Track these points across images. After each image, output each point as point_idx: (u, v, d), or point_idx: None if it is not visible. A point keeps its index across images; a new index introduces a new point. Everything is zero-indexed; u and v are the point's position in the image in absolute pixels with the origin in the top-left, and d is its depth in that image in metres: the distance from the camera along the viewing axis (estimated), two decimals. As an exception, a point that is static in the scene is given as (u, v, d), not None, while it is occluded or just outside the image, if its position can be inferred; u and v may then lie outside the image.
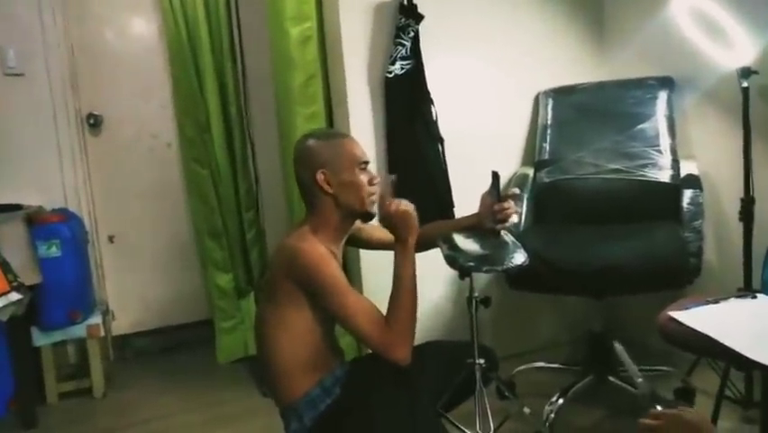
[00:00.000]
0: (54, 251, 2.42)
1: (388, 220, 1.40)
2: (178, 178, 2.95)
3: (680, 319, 1.40)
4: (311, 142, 1.46)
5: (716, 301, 1.50)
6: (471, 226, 1.59)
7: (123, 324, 2.96)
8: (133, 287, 2.98)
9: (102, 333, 2.55)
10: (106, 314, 2.77)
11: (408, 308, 1.33)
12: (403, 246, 1.39)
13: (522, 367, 2.29)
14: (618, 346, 1.49)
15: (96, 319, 2.53)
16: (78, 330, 2.49)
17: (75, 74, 2.79)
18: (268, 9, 2.39)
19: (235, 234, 2.81)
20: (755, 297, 1.55)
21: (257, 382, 2.51)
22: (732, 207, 2.04)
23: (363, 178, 1.44)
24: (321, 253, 1.36)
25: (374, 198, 1.46)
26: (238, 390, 2.49)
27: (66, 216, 2.57)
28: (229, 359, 2.77)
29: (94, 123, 2.86)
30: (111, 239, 2.94)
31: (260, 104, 2.83)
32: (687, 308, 1.46)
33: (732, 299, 1.53)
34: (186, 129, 2.74)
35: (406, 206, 1.40)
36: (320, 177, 1.41)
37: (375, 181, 1.46)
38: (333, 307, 1.34)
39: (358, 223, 1.57)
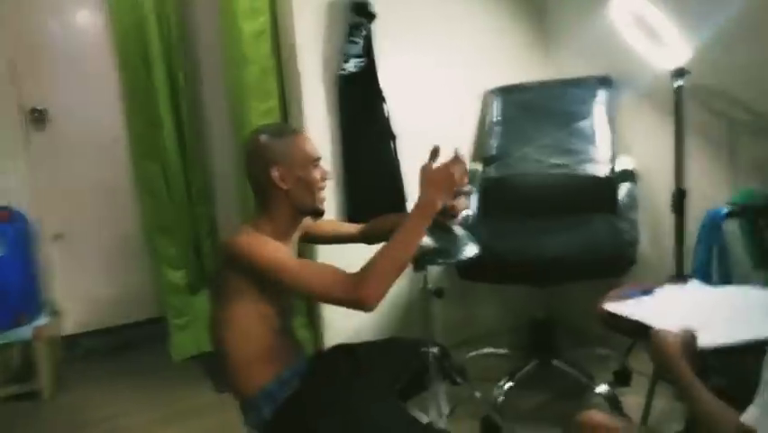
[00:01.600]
0: (-4, 251, 2.35)
1: (422, 174, 1.38)
2: (127, 173, 2.88)
3: (617, 312, 1.49)
4: (264, 138, 1.46)
5: (651, 290, 1.61)
6: None
7: (71, 324, 2.88)
8: (82, 286, 2.91)
9: (49, 334, 2.49)
10: (54, 314, 2.69)
11: (388, 260, 1.30)
12: (422, 204, 1.34)
13: (472, 354, 2.38)
14: None
15: (43, 320, 2.47)
16: (24, 332, 2.42)
17: (15, 66, 2.69)
18: (219, 3, 2.38)
19: (187, 230, 2.78)
20: (686, 281, 1.68)
21: (212, 379, 2.51)
22: (665, 199, 2.17)
23: (316, 174, 1.46)
24: (256, 238, 1.37)
25: (323, 194, 1.48)
26: (192, 387, 2.48)
27: (9, 214, 2.49)
28: (183, 356, 2.74)
29: (38, 117, 2.76)
30: (57, 237, 2.85)
31: (214, 97, 2.81)
32: (624, 297, 1.57)
33: (666, 285, 1.65)
34: (135, 124, 2.69)
35: (451, 172, 1.37)
36: (275, 173, 1.41)
37: (327, 177, 1.49)
38: (286, 284, 1.33)
39: (308, 220, 1.60)
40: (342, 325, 2.42)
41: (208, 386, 2.47)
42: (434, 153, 1.44)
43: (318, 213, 1.50)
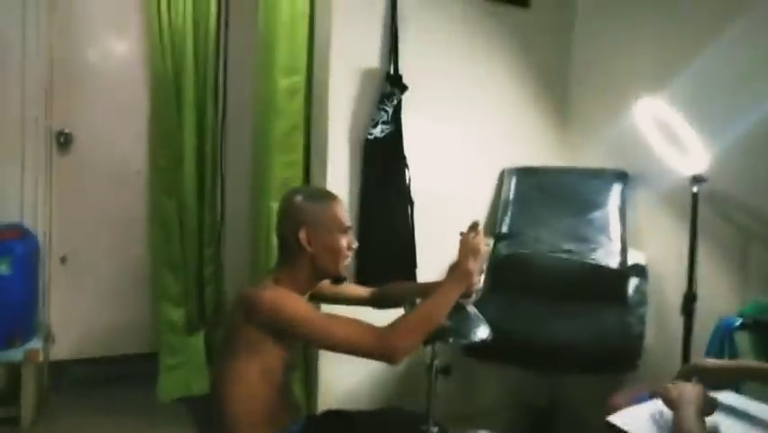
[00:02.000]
0: (3, 268, 2.34)
1: (463, 246, 1.45)
2: (143, 206, 2.90)
3: (621, 427, 1.45)
4: (299, 198, 1.50)
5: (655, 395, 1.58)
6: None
7: (62, 349, 2.82)
8: (79, 311, 2.87)
9: (40, 358, 2.44)
10: (47, 338, 2.65)
11: (420, 317, 1.38)
12: (463, 273, 1.43)
13: (468, 433, 2.33)
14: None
15: (36, 344, 2.43)
16: (15, 354, 2.37)
17: (50, 90, 2.75)
18: (259, 57, 2.46)
19: (193, 269, 2.79)
20: None
21: (198, 426, 2.45)
22: (674, 298, 2.18)
23: (344, 242, 1.49)
24: (280, 292, 1.40)
25: (348, 262, 1.52)
26: (176, 431, 2.42)
27: (20, 232, 2.49)
28: (170, 397, 2.68)
29: (64, 141, 2.80)
30: (63, 260, 2.83)
31: (237, 143, 2.87)
32: (633, 401, 1.54)
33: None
34: (158, 159, 2.74)
35: (483, 246, 1.46)
36: (302, 235, 1.45)
37: (353, 246, 1.52)
38: (310, 337, 1.38)
39: (325, 282, 1.61)
40: (338, 386, 2.39)
41: (193, 431, 2.40)
42: (474, 227, 1.48)
43: (340, 279, 1.54)
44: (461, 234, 1.50)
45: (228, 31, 2.89)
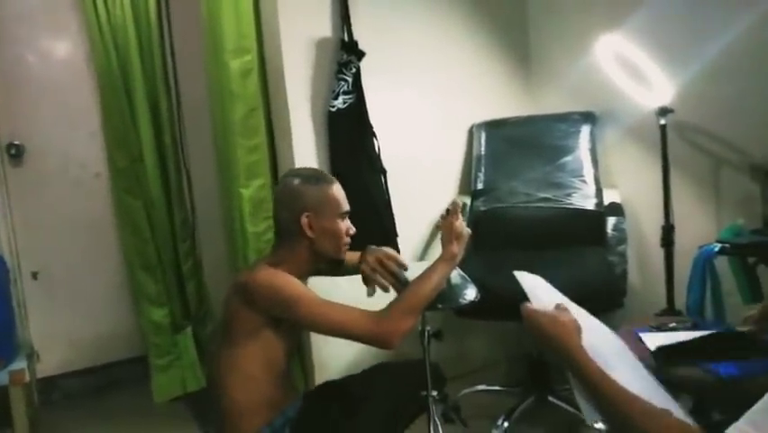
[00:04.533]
0: (-28, 293, 2.25)
1: (447, 230, 1.45)
2: (108, 209, 2.81)
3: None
4: (298, 182, 1.47)
5: (659, 329, 1.59)
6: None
7: (48, 365, 2.76)
8: (60, 325, 2.80)
9: (27, 379, 2.38)
10: (31, 357, 2.59)
11: (414, 300, 1.37)
12: (449, 257, 1.44)
13: (466, 391, 2.36)
14: None
15: (20, 364, 2.35)
16: (0, 378, 2.31)
17: (-8, 101, 2.63)
18: (205, 41, 2.36)
19: (171, 267, 2.72)
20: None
21: (197, 421, 2.44)
22: (653, 232, 2.21)
23: (343, 227, 1.48)
24: (276, 273, 1.39)
25: (347, 247, 1.51)
26: (177, 431, 2.40)
27: (-16, 254, 2.40)
28: (166, 398, 2.65)
29: (15, 153, 2.68)
30: (35, 276, 2.75)
31: (196, 131, 2.77)
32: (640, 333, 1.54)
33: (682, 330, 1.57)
34: (117, 159, 2.63)
35: (465, 229, 1.47)
36: (304, 220, 1.42)
37: (351, 231, 1.50)
38: (306, 319, 1.36)
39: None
40: (332, 365, 2.38)
41: (193, 430, 2.39)
42: (454, 210, 1.48)
43: (339, 262, 1.53)
44: (442, 216, 1.50)
45: (170, 15, 2.76)
